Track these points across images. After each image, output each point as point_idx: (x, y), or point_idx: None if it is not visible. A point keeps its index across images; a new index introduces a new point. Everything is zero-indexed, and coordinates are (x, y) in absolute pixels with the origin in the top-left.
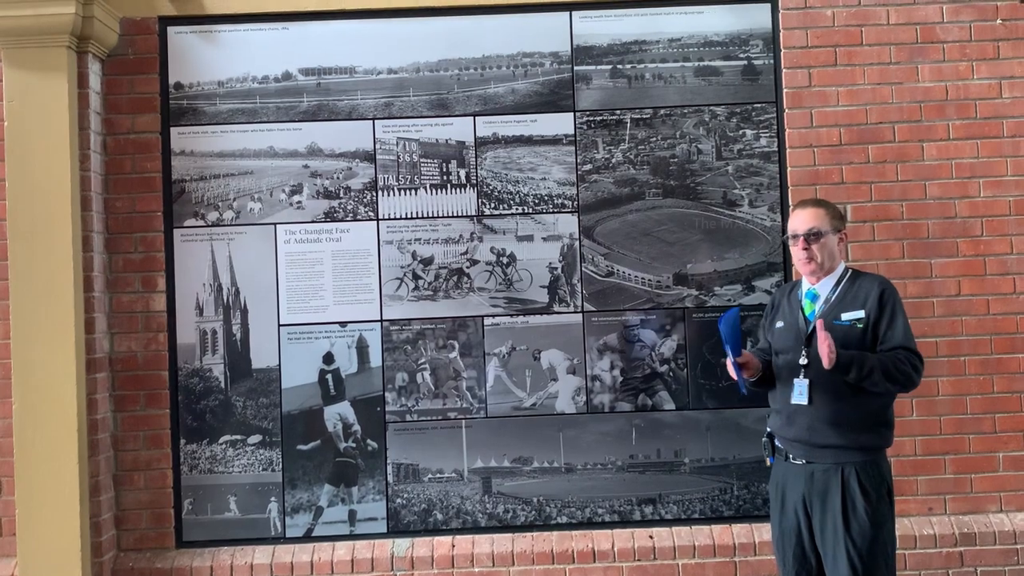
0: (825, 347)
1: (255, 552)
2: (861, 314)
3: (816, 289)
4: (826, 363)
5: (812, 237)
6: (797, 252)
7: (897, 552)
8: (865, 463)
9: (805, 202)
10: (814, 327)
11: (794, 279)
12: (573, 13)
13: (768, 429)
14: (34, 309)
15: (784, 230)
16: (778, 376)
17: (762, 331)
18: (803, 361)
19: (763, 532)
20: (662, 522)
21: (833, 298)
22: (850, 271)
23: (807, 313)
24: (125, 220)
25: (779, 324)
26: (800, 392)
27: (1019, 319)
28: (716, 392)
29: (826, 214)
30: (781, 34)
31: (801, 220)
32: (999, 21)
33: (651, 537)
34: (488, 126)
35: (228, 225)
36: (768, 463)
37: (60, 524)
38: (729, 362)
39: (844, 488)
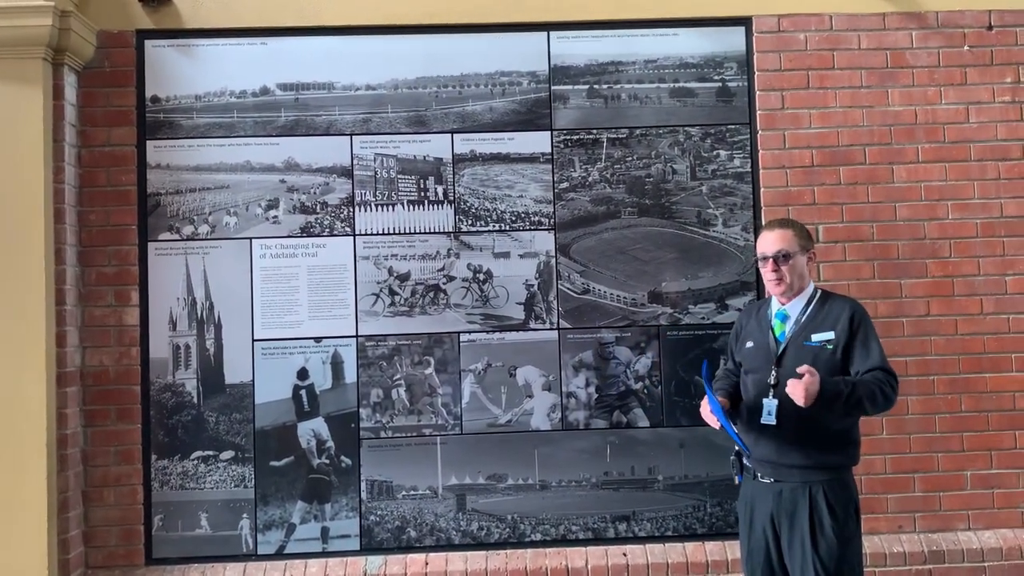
0: (801, 390)
1: (226, 569)
2: (831, 335)
3: (786, 309)
4: (801, 402)
5: (781, 259)
6: (767, 273)
7: (865, 569)
8: (832, 481)
9: (773, 223)
10: (785, 348)
11: (765, 297)
12: (551, 33)
13: (736, 448)
14: (4, 321)
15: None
16: (745, 395)
17: (730, 351)
18: (772, 381)
19: (735, 550)
20: (636, 539)
21: (803, 319)
22: (820, 292)
23: (777, 333)
24: (99, 233)
25: (749, 344)
26: (768, 412)
27: (986, 339)
28: (690, 409)
29: (795, 235)
30: (755, 57)
31: (770, 242)
32: (966, 48)
33: (625, 554)
34: (466, 143)
35: (203, 239)
36: (736, 482)
37: (27, 541)
38: (713, 416)
39: (812, 506)
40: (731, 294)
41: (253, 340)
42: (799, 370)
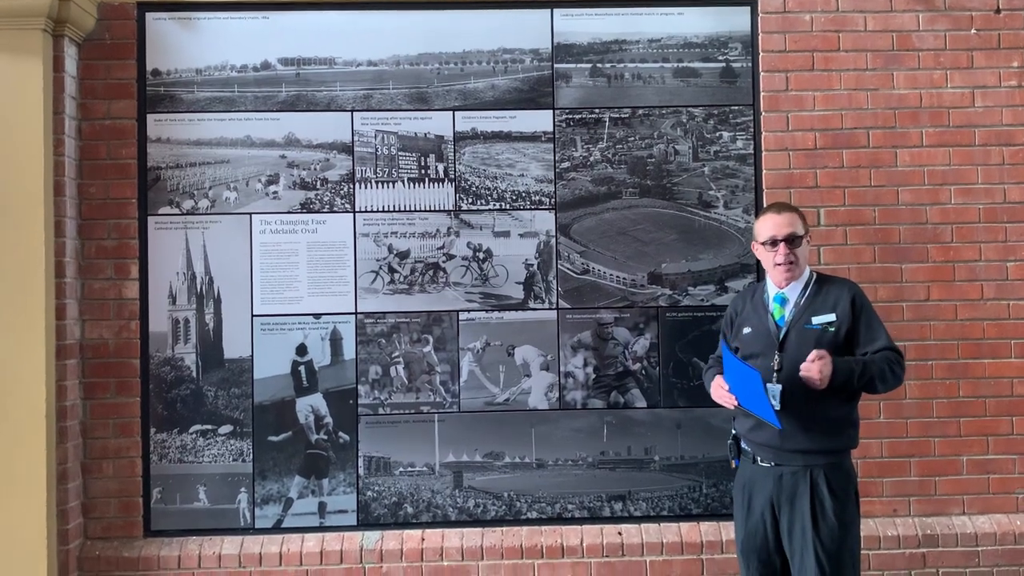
0: (816, 369)
1: (224, 542)
2: (832, 317)
3: (785, 293)
4: (817, 385)
5: (795, 241)
6: (778, 257)
7: (861, 552)
8: (833, 465)
9: (779, 206)
10: (787, 332)
11: (758, 282)
12: (554, 10)
13: (734, 432)
14: (4, 294)
15: None
16: None
17: (723, 337)
18: (776, 366)
19: (730, 530)
20: (631, 519)
21: (803, 301)
22: (815, 274)
23: (776, 318)
24: (99, 206)
25: (747, 330)
26: (773, 397)
27: (986, 325)
28: (687, 391)
29: (800, 219)
30: (760, 37)
31: (779, 225)
32: (974, 31)
33: (620, 533)
34: (467, 121)
35: (203, 214)
36: (733, 465)
37: (27, 511)
38: (729, 396)
39: (813, 490)
40: (731, 276)
41: (252, 315)
42: (811, 356)
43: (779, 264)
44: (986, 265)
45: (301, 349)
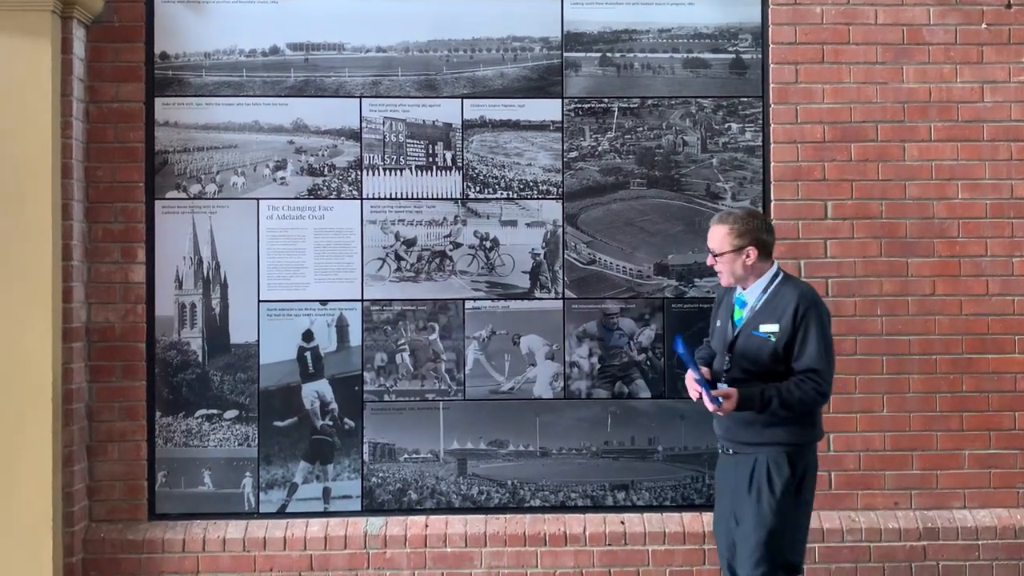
0: (721, 409)
1: (228, 526)
2: (776, 328)
3: (745, 296)
4: (722, 413)
5: (716, 256)
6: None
7: (859, 545)
8: (777, 456)
9: (717, 217)
10: (737, 335)
11: None
12: None
13: None
14: (11, 276)
15: None
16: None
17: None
18: (724, 367)
19: None
20: (634, 508)
21: (758, 306)
22: (780, 276)
23: (736, 319)
24: (106, 189)
25: (717, 323)
26: (714, 400)
27: (991, 320)
28: None
29: (728, 233)
30: (770, 29)
31: (710, 237)
32: (984, 25)
33: (622, 522)
34: (476, 109)
35: (210, 198)
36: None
37: (32, 493)
38: (693, 379)
39: (754, 479)
40: None
41: (259, 301)
42: (720, 394)
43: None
44: (992, 261)
45: (307, 335)
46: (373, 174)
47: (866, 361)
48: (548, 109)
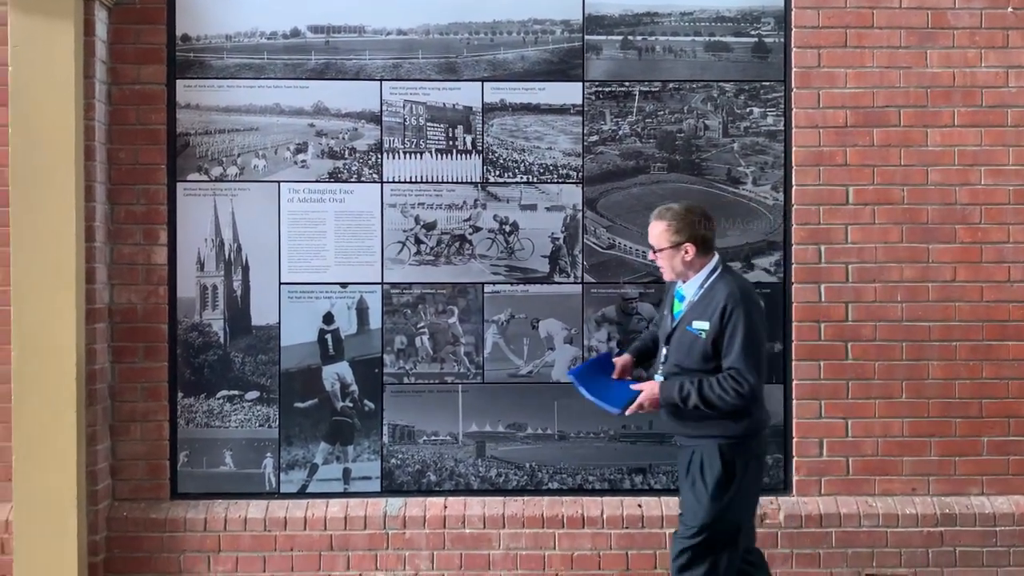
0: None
1: (249, 506)
2: (705, 325)
3: (683, 290)
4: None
5: (656, 252)
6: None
7: (876, 530)
8: (711, 448)
9: (654, 213)
10: (674, 329)
11: None
12: None
13: None
14: (35, 257)
15: (786, 210)
16: None
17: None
18: (661, 359)
19: None
20: (651, 491)
21: (694, 301)
22: (718, 271)
23: (675, 312)
24: (128, 171)
25: (664, 312)
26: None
27: (1012, 307)
28: None
29: (666, 229)
30: (793, 13)
31: (649, 232)
32: (1010, 9)
33: (640, 506)
34: (496, 92)
35: (232, 181)
36: None
37: (57, 471)
38: (590, 399)
39: (690, 469)
40: (758, 253)
41: (280, 283)
42: (645, 393)
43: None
44: (1014, 247)
45: (328, 318)
46: (393, 157)
47: (885, 347)
48: (569, 92)
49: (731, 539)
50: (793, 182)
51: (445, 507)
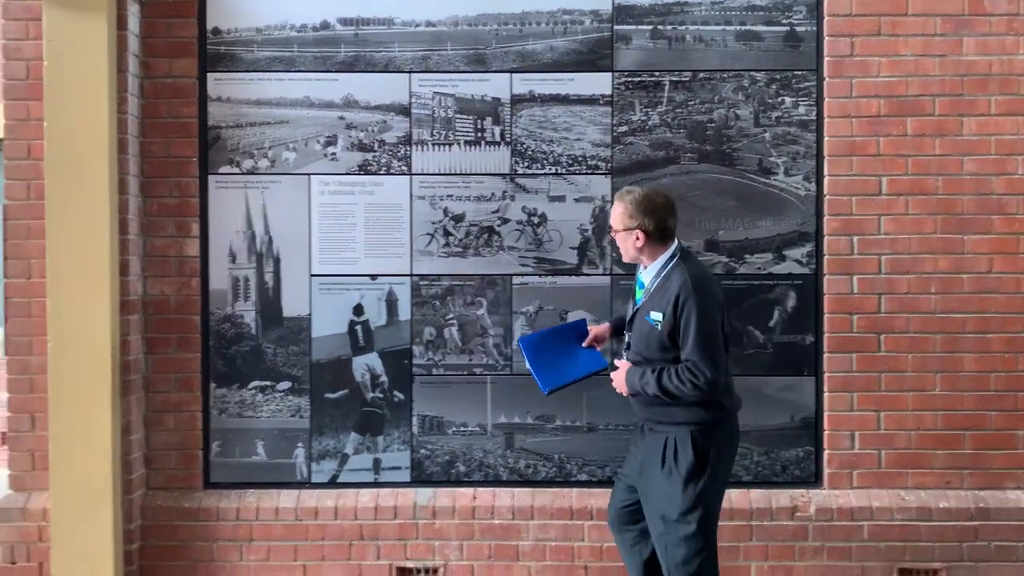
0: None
1: (281, 496)
2: (660, 316)
3: (642, 277)
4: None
5: (613, 233)
6: None
7: (909, 524)
8: (680, 435)
9: (618, 192)
10: (634, 315)
11: None
12: None
13: None
14: (70, 249)
15: (818, 201)
16: None
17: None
18: (625, 345)
19: (780, 498)
20: None
21: (652, 290)
22: (673, 260)
23: (636, 298)
24: (160, 164)
25: (630, 298)
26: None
27: None
28: (740, 359)
29: (623, 212)
30: (825, 1)
31: (611, 211)
32: None
33: None
34: (525, 83)
35: (263, 174)
36: None
37: (92, 461)
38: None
39: (665, 456)
40: (789, 244)
41: (311, 275)
42: (618, 365)
43: None
44: None
45: (358, 309)
46: (422, 149)
47: (919, 339)
48: (598, 83)
49: (709, 523)
50: (825, 172)
51: (474, 498)
